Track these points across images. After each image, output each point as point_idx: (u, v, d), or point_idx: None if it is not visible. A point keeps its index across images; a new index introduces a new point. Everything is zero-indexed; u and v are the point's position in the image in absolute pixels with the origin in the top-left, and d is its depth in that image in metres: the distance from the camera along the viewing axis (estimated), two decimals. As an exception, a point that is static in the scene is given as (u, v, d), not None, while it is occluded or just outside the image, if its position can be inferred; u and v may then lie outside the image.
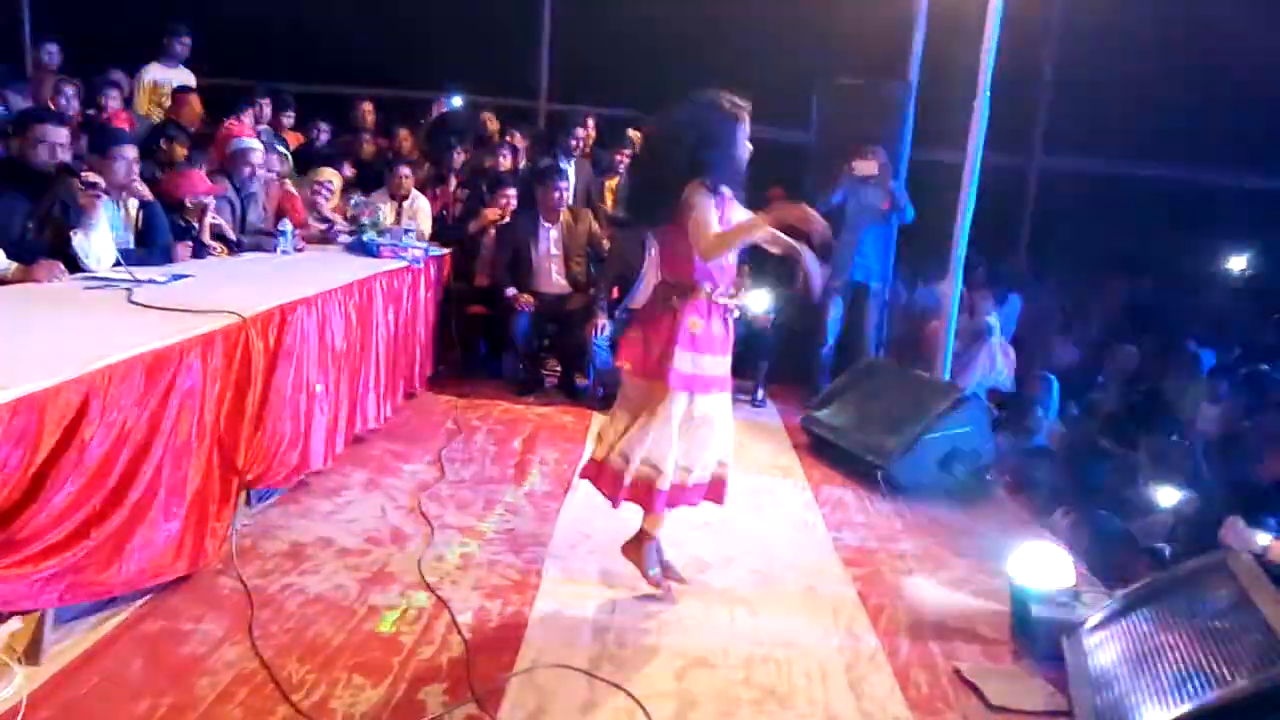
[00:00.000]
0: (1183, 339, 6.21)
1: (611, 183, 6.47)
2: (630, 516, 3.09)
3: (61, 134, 3.62)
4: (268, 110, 6.32)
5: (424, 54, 7.83)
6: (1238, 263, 8.04)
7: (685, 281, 2.89)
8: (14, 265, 3.30)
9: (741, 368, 5.84)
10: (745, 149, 2.94)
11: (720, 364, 2.94)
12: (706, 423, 2.92)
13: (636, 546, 3.08)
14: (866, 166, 5.96)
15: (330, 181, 5.79)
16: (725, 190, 2.89)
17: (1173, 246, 7.68)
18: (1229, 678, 2.15)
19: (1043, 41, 7.94)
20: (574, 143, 6.41)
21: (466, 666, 2.55)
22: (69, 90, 5.50)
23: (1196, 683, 2.21)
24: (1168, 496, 4.07)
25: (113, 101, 5.73)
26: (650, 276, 3.10)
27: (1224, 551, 2.70)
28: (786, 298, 5.72)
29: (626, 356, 2.98)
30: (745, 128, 2.92)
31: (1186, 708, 2.16)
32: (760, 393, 5.87)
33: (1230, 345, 6.55)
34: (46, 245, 3.50)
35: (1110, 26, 6.93)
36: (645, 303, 3.02)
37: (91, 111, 5.59)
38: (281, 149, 5.92)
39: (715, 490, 3.06)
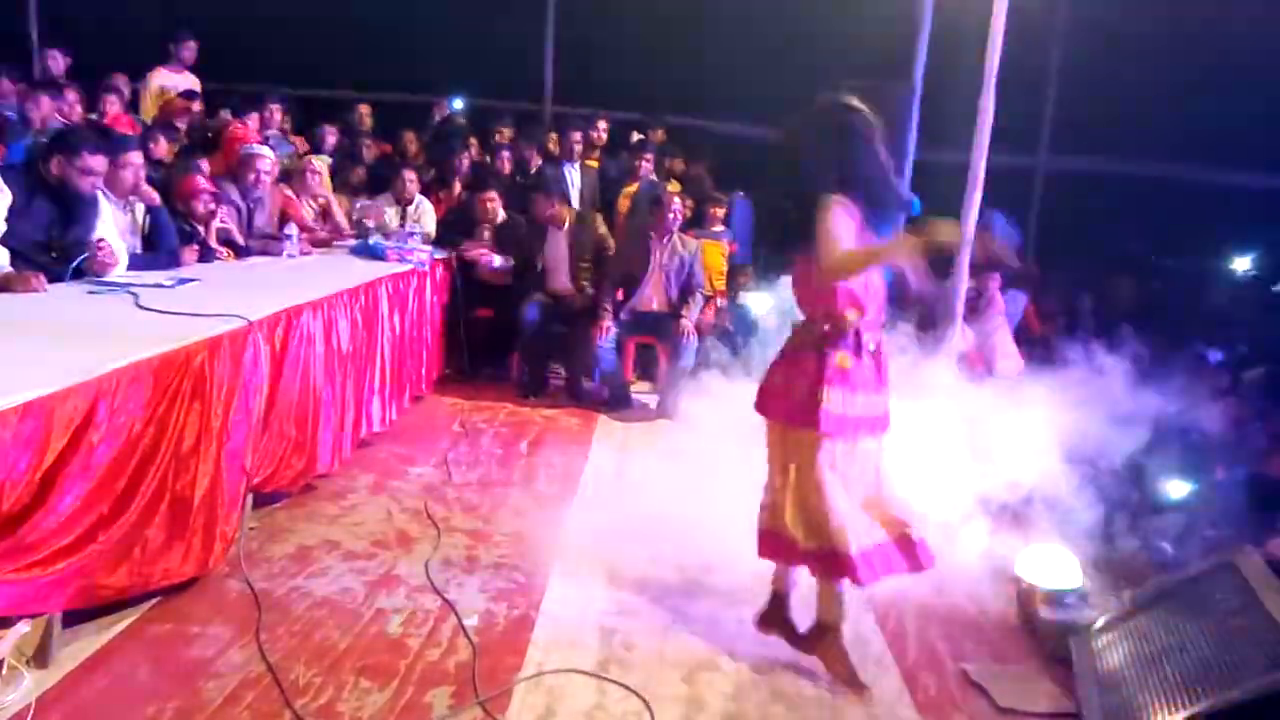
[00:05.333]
0: (1190, 338, 6.18)
1: (630, 189, 6.45)
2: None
3: (103, 163, 3.63)
4: (278, 115, 6.35)
5: (430, 58, 7.85)
6: (1245, 262, 8.00)
7: (828, 312, 2.52)
8: (7, 268, 3.29)
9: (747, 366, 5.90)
10: (888, 165, 2.58)
11: (875, 403, 2.58)
12: (867, 470, 2.60)
13: (823, 642, 2.66)
14: None
15: (318, 165, 5.82)
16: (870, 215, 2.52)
17: (1180, 245, 7.65)
18: (1238, 679, 2.14)
19: (1049, 41, 7.92)
20: (573, 147, 6.41)
21: (473, 669, 2.55)
22: (71, 96, 5.52)
23: (1205, 684, 2.21)
24: (1177, 495, 4.05)
25: (112, 107, 5.74)
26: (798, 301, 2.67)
27: (1232, 552, 2.68)
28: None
29: (768, 404, 2.63)
30: (880, 144, 2.58)
31: (1195, 709, 2.16)
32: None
33: (1237, 344, 6.52)
34: (68, 251, 3.53)
35: (1116, 25, 6.91)
36: (784, 344, 2.66)
37: (93, 116, 5.61)
38: (287, 152, 5.95)
39: (910, 554, 2.61)
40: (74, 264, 3.49)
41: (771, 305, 5.68)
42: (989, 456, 3.62)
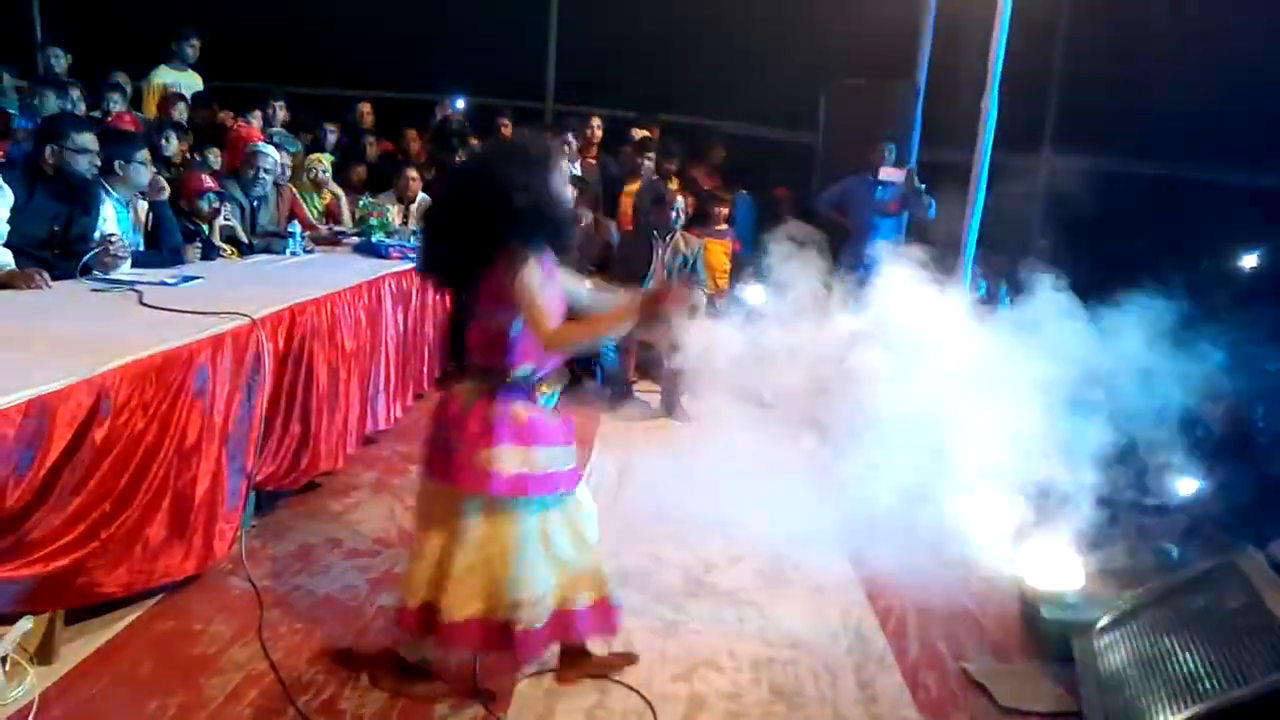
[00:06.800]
0: (1193, 337, 6.16)
1: (632, 187, 6.44)
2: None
3: (93, 140, 3.66)
4: (281, 113, 6.34)
5: (431, 57, 7.85)
6: (1249, 260, 7.99)
7: (502, 364, 2.32)
8: (9, 265, 3.29)
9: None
10: (566, 199, 2.39)
11: (558, 457, 2.36)
12: (558, 531, 2.36)
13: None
14: (893, 173, 6.02)
15: (321, 162, 5.84)
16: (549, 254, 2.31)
17: (1183, 245, 7.65)
18: (1240, 679, 2.14)
19: (1052, 39, 7.91)
20: (569, 146, 6.40)
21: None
22: (74, 94, 5.53)
23: (1207, 684, 2.20)
24: (1183, 494, 4.05)
25: (116, 105, 5.75)
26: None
27: (1235, 552, 2.68)
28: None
29: (436, 466, 2.39)
30: (562, 173, 2.35)
31: (1197, 709, 2.15)
32: (768, 392, 5.86)
33: (1240, 342, 6.52)
34: (70, 247, 3.54)
35: (1119, 24, 6.90)
36: (447, 396, 2.45)
37: (96, 115, 5.62)
38: (294, 150, 5.95)
39: (602, 616, 2.44)
40: (85, 258, 3.50)
41: (765, 298, 5.68)
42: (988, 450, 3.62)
